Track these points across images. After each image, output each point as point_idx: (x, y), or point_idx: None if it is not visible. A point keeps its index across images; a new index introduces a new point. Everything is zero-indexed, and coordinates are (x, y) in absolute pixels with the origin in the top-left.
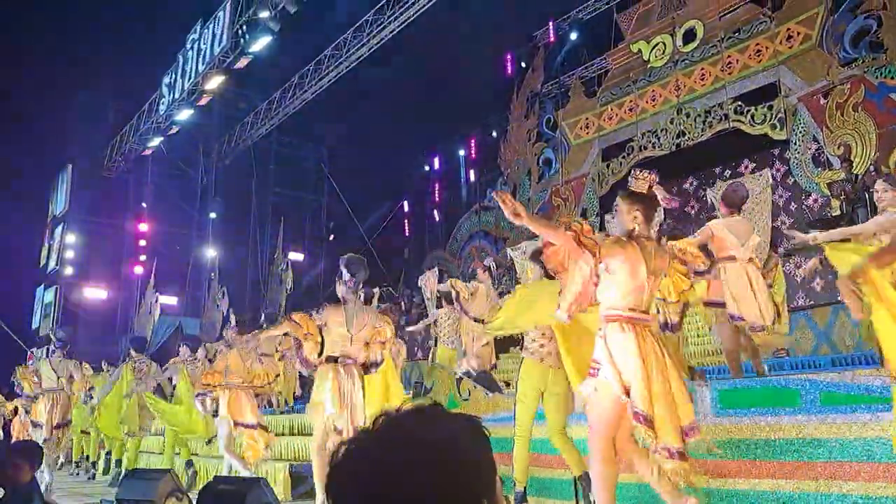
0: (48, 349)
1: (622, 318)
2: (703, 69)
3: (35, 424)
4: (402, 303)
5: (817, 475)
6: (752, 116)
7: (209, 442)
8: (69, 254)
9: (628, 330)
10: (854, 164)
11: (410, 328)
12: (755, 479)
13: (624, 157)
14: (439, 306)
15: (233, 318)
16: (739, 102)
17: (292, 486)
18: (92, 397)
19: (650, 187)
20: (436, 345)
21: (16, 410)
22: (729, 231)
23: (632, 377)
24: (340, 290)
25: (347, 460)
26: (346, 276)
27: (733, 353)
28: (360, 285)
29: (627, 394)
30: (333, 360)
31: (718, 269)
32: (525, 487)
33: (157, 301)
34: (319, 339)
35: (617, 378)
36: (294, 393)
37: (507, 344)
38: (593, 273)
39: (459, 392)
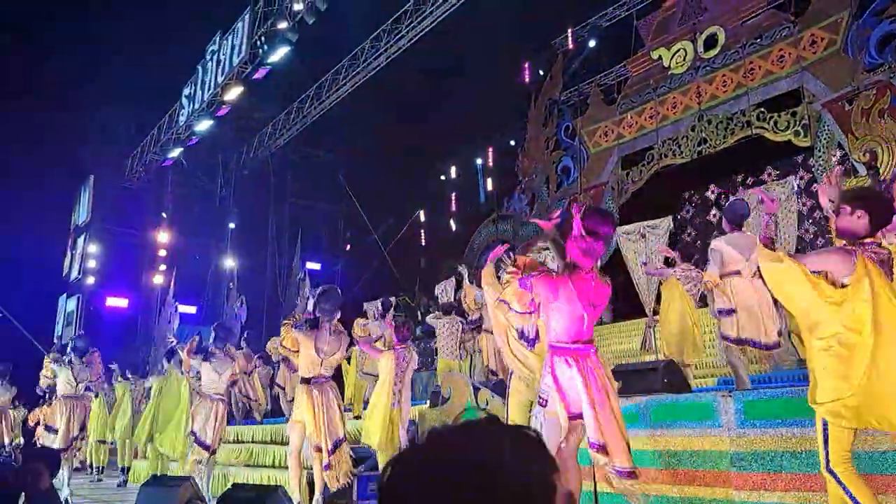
0: (69, 357)
1: (567, 350)
2: (724, 75)
3: (49, 428)
4: (419, 312)
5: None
6: (775, 123)
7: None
8: (91, 263)
9: (572, 363)
10: (880, 171)
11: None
12: (781, 491)
13: (644, 165)
14: (448, 311)
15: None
16: (762, 109)
17: (310, 494)
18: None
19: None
20: (436, 355)
21: (37, 422)
22: (731, 247)
23: (583, 412)
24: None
25: (391, 482)
26: (313, 309)
27: (734, 366)
28: (332, 314)
29: (573, 420)
30: (307, 381)
31: (725, 282)
32: None
33: (176, 310)
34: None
35: (563, 409)
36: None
37: None
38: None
39: (477, 401)
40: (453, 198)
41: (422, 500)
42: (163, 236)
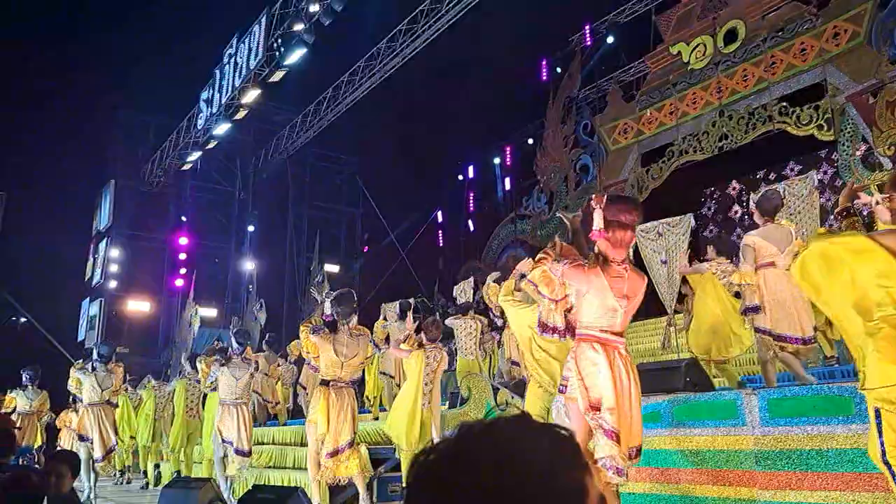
0: (92, 364)
1: (594, 337)
2: (745, 70)
3: (82, 438)
4: (437, 313)
5: (873, 487)
6: (798, 117)
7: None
8: (113, 267)
9: (599, 349)
10: None
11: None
12: (807, 490)
13: (664, 162)
14: (466, 311)
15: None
16: (784, 103)
17: (331, 496)
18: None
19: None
20: (455, 356)
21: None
22: (765, 240)
23: (605, 398)
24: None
25: (420, 476)
26: (328, 310)
27: (765, 363)
28: (348, 316)
29: (593, 409)
30: (326, 383)
31: (759, 275)
32: None
33: (196, 313)
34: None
35: (584, 395)
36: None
37: None
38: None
39: (496, 402)
40: (471, 197)
41: (450, 496)
42: (182, 240)
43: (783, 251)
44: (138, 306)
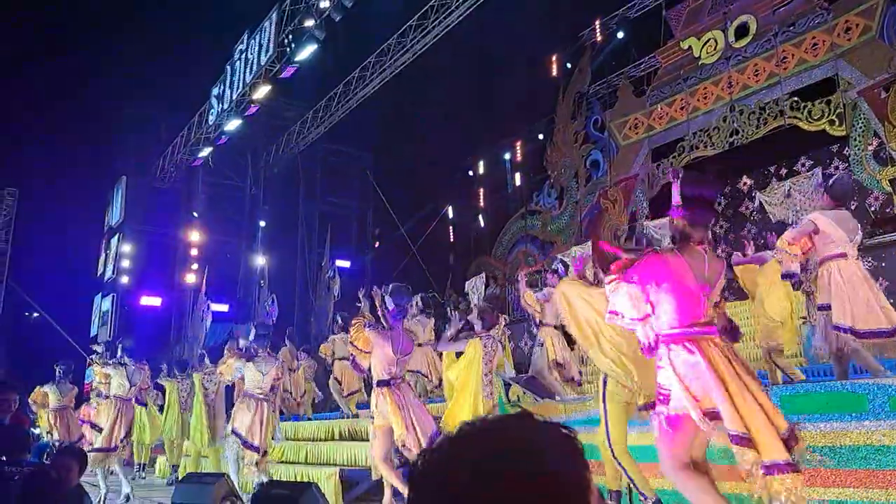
0: (121, 359)
1: (684, 336)
2: (756, 65)
3: (94, 426)
4: (448, 309)
5: (887, 484)
6: (809, 112)
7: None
8: (125, 263)
9: (693, 348)
10: None
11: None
12: (820, 487)
13: (675, 158)
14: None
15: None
16: (795, 98)
17: (343, 490)
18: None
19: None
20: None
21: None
22: (837, 226)
23: (715, 399)
24: (384, 315)
25: (422, 475)
26: (391, 304)
27: (840, 356)
28: (405, 312)
29: (711, 418)
30: (386, 383)
31: (823, 269)
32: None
33: (208, 308)
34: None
35: (694, 405)
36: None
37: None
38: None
39: (508, 398)
40: (481, 193)
41: (453, 494)
42: (194, 235)
43: (851, 240)
44: (150, 302)
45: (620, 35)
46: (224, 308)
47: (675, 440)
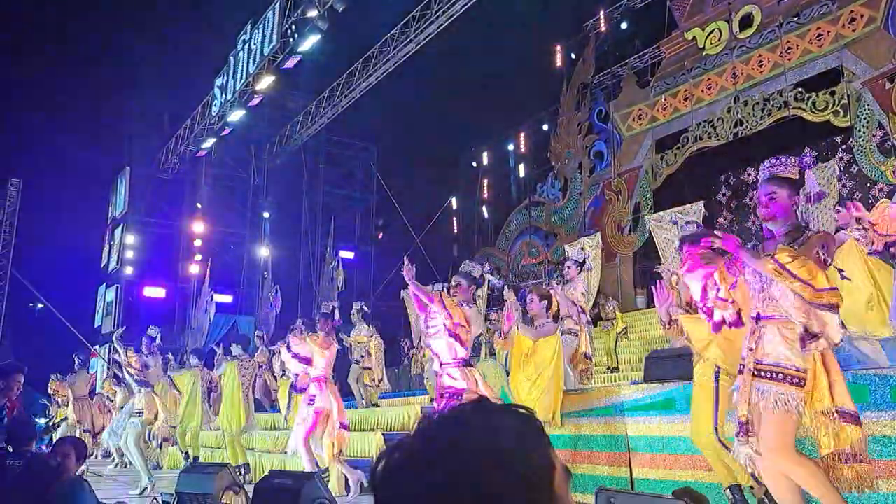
0: (150, 348)
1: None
2: (761, 55)
3: (137, 413)
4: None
5: (889, 474)
6: (814, 103)
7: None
8: (129, 254)
9: None
10: None
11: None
12: None
13: (679, 149)
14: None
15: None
16: (800, 89)
17: (346, 482)
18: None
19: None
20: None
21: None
22: None
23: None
24: (461, 296)
25: (384, 475)
26: (465, 284)
27: None
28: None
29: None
30: (468, 363)
31: None
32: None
33: (212, 299)
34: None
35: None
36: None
37: None
38: None
39: (510, 387)
40: (485, 184)
41: (417, 490)
42: (198, 226)
43: None
44: (154, 292)
45: (624, 25)
46: (228, 299)
47: (794, 425)
